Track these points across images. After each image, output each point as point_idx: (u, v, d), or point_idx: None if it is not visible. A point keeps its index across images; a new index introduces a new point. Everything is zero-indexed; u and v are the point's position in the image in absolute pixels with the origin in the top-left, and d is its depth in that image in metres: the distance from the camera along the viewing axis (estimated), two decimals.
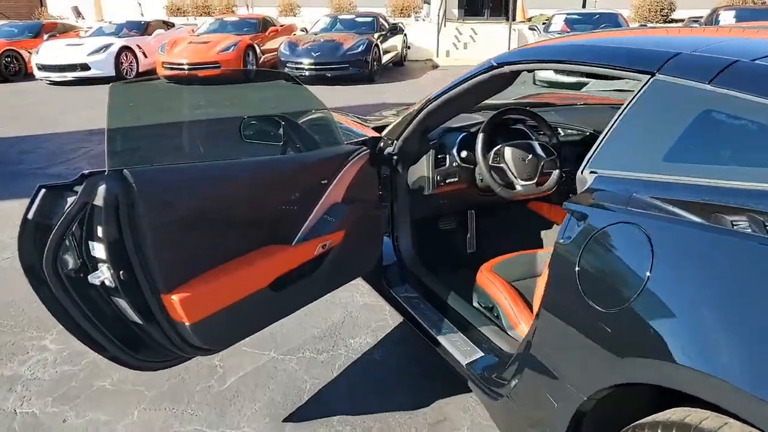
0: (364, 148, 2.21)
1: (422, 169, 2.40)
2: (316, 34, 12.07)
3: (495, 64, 1.87)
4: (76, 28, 15.23)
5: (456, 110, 2.31)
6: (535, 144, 2.35)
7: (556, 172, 2.35)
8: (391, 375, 2.36)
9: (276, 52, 11.54)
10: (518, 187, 2.29)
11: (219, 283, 1.76)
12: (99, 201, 1.52)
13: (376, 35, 11.57)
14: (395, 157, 2.43)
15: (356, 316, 2.80)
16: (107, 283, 1.60)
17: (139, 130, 2.89)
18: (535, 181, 2.31)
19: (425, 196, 2.40)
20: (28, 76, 11.96)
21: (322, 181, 2.11)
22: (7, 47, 12.22)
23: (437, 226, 2.84)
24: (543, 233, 2.77)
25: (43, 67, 11.21)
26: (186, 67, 10.89)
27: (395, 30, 13.17)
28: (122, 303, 1.67)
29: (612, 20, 11.27)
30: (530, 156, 2.31)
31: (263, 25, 12.97)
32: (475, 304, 2.23)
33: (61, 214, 1.54)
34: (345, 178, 2.17)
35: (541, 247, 2.73)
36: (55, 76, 11.22)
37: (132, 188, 1.55)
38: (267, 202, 1.94)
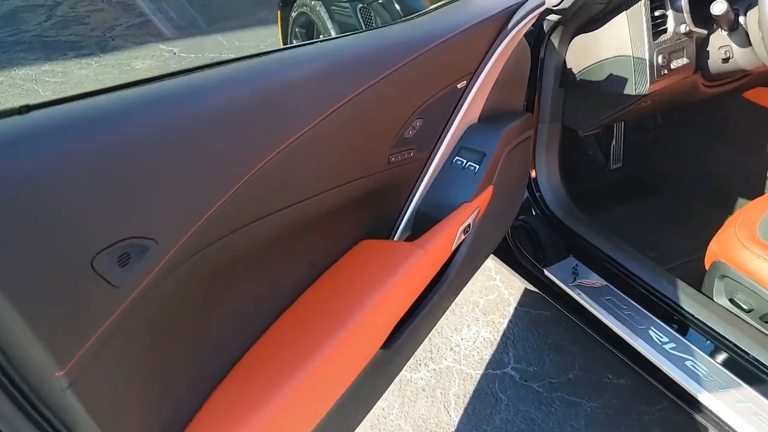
0: (538, 0, 1.01)
1: (619, 40, 1.21)
2: None
3: None
4: None
5: None
6: None
7: None
8: (547, 407, 1.39)
9: None
10: None
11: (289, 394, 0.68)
12: None
13: None
14: (553, 19, 1.24)
15: None
16: None
17: None
18: None
19: (621, 96, 1.24)
20: None
21: (458, 84, 0.95)
22: None
23: (575, 133, 1.72)
24: None
25: None
26: None
27: None
28: None
29: None
30: None
31: None
32: (722, 299, 1.20)
33: None
34: (494, 70, 1.01)
35: (765, 165, 1.65)
36: None
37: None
38: (353, 145, 0.79)
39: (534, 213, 1.44)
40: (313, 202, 0.73)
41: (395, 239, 0.99)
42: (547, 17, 1.24)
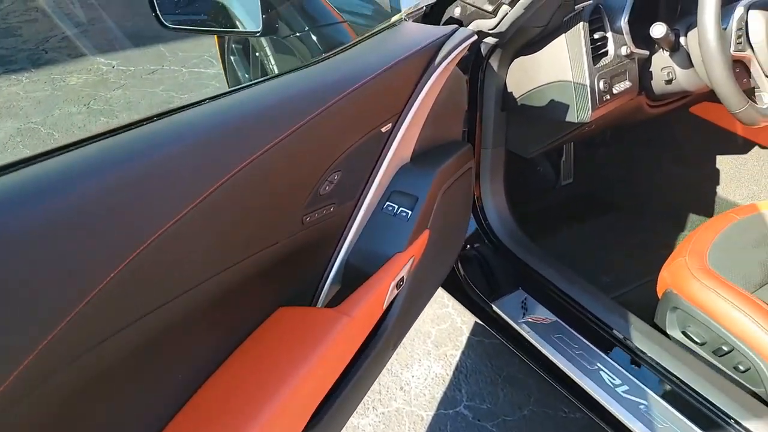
0: (466, 31, 0.94)
1: (559, 65, 1.14)
2: None
3: None
4: None
5: None
6: None
7: None
8: None
9: None
10: None
11: None
12: None
13: None
14: (491, 42, 1.17)
15: None
16: None
17: None
18: None
19: (564, 123, 1.18)
20: None
21: (383, 128, 0.87)
22: None
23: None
24: (723, 160, 1.63)
25: None
26: None
27: None
28: None
29: None
30: None
31: None
32: (675, 332, 1.15)
33: None
34: (424, 107, 0.93)
35: (714, 182, 1.62)
36: None
37: None
38: (254, 213, 0.69)
39: (485, 242, 1.37)
40: (209, 285, 0.64)
41: (322, 297, 0.90)
42: (484, 40, 1.17)
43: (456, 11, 1.15)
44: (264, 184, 0.66)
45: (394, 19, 0.97)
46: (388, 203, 0.93)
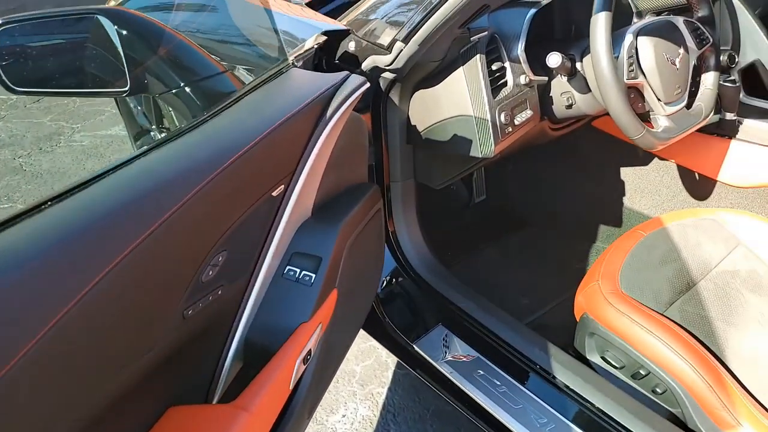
0: (359, 79, 0.88)
1: (459, 99, 1.10)
2: None
3: None
4: None
5: None
6: (680, 22, 1.15)
7: (711, 78, 1.19)
8: None
9: None
10: (663, 121, 1.12)
11: None
12: None
13: None
14: (389, 77, 1.12)
15: None
16: None
17: None
18: (685, 102, 1.16)
19: (468, 157, 1.14)
20: None
21: (274, 192, 0.80)
22: None
23: None
24: (626, 172, 1.66)
25: None
26: None
27: None
28: None
29: None
30: (681, 53, 1.12)
31: None
32: (595, 357, 1.15)
33: None
34: (319, 161, 0.87)
35: (619, 193, 1.65)
36: None
37: None
38: (120, 327, 0.60)
39: (404, 277, 1.32)
40: (81, 409, 0.54)
41: (221, 382, 0.82)
42: (382, 75, 1.12)
43: (350, 46, 1.09)
44: (129, 291, 0.57)
45: (281, 65, 0.90)
46: (288, 268, 0.85)
